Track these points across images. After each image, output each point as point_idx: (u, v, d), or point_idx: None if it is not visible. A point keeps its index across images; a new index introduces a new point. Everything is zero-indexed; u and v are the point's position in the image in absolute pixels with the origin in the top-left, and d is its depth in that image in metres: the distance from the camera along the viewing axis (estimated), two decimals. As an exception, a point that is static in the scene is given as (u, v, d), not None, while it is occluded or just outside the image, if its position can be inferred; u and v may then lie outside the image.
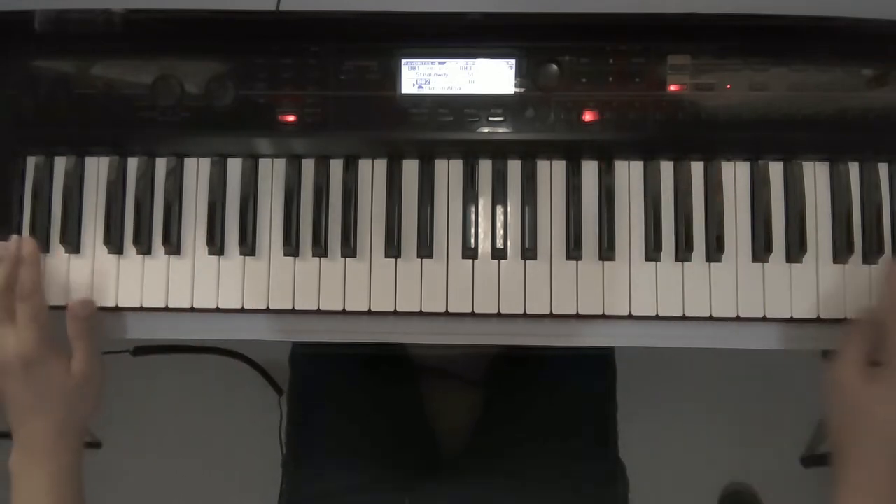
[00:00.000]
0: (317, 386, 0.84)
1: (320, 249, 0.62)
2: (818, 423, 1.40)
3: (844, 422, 0.55)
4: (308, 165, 0.63)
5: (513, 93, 0.60)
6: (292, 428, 0.84)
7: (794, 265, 0.62)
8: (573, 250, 0.61)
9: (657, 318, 0.62)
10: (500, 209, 0.62)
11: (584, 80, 0.59)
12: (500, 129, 0.60)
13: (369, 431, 0.81)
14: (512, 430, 0.82)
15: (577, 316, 0.62)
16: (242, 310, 0.62)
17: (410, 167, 0.63)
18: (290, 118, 0.60)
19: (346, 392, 0.83)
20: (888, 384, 0.53)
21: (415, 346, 0.92)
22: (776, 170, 0.62)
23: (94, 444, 1.38)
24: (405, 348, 0.92)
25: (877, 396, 0.53)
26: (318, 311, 0.62)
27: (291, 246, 0.62)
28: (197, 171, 0.64)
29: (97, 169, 0.64)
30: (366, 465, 0.79)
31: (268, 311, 0.62)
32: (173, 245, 0.63)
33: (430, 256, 0.62)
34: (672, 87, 0.59)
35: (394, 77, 0.60)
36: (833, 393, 0.56)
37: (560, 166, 0.63)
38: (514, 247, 0.62)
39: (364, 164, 0.63)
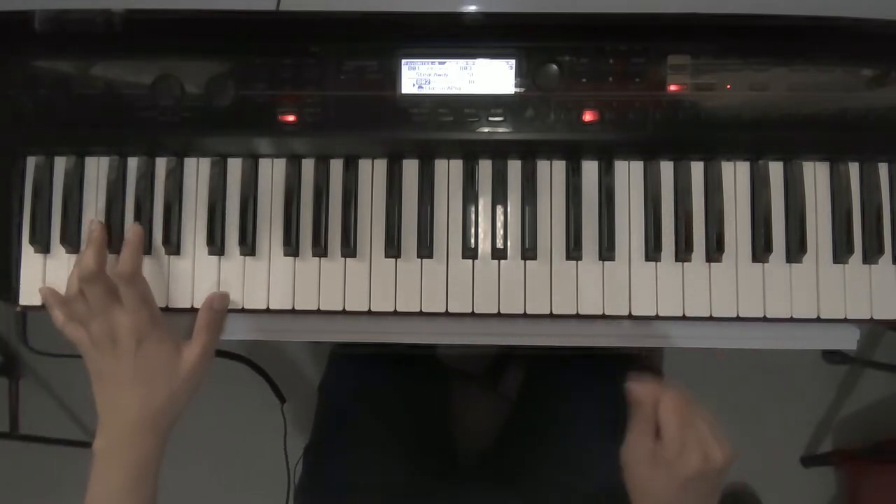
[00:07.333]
0: (349, 383, 0.85)
1: (320, 249, 0.62)
2: (818, 423, 1.41)
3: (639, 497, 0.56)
4: (308, 165, 0.63)
5: (513, 93, 0.60)
6: (320, 420, 0.85)
7: (794, 265, 0.62)
8: (573, 250, 0.61)
9: (657, 318, 0.62)
10: (500, 209, 0.62)
11: (584, 80, 0.59)
12: (500, 129, 0.60)
13: (395, 431, 0.82)
14: (533, 440, 0.82)
15: (577, 316, 0.62)
16: (242, 310, 0.63)
17: (410, 167, 0.63)
18: (290, 118, 0.60)
19: (375, 391, 0.84)
20: (666, 471, 0.53)
21: (444, 348, 0.92)
22: (776, 170, 0.62)
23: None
24: (435, 349, 0.92)
25: (658, 478, 0.54)
26: (318, 312, 0.62)
27: (291, 246, 0.62)
28: (197, 171, 0.64)
29: (97, 169, 0.64)
30: (387, 464, 0.79)
31: (268, 311, 0.63)
32: (173, 245, 0.63)
33: (430, 256, 0.62)
34: (672, 87, 0.59)
35: (394, 77, 0.60)
36: (627, 474, 0.55)
37: (560, 166, 0.63)
38: (514, 247, 0.62)
39: (364, 164, 0.63)
